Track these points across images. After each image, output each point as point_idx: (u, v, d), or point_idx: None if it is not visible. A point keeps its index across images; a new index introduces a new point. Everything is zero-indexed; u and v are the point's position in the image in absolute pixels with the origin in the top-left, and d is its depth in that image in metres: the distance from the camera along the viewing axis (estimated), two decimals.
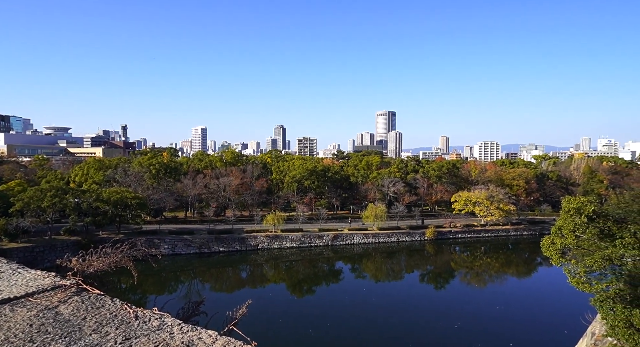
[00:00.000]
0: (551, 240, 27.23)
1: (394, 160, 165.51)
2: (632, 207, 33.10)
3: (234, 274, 75.89)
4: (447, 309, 56.16)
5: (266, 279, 72.03)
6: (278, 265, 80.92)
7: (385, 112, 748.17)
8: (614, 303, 23.86)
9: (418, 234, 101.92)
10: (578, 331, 41.98)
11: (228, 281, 71.74)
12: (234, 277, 74.07)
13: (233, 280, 72.09)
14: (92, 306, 4.49)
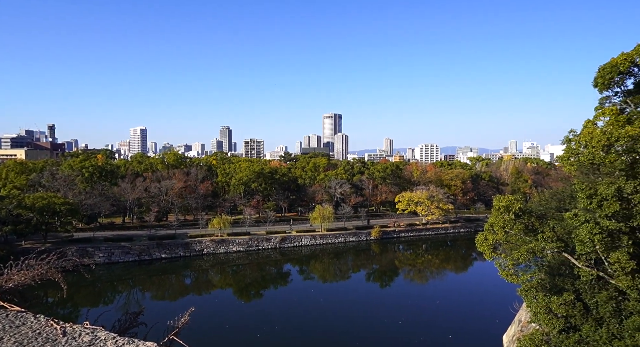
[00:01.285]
0: (484, 236, 29.29)
1: (340, 162, 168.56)
2: (551, 204, 36.78)
3: (177, 281, 72.66)
4: (392, 306, 58.22)
5: (212, 284, 69.83)
6: (225, 270, 78.83)
7: (332, 115, 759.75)
8: (536, 292, 26.29)
9: (364, 234, 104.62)
10: (507, 319, 45.62)
11: (171, 288, 68.52)
12: (177, 284, 70.91)
13: (176, 287, 68.99)
14: (10, 325, 4.08)
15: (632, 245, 21.96)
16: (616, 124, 25.78)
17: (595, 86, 27.31)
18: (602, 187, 22.50)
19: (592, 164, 28.05)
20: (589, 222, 22.39)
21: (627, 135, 23.66)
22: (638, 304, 22.29)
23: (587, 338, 23.45)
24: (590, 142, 25.72)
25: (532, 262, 32.09)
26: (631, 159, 26.23)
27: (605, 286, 24.18)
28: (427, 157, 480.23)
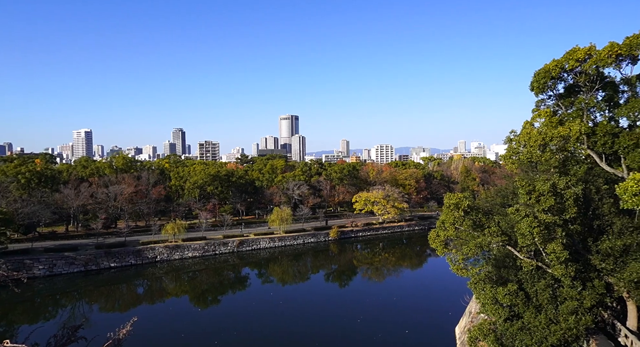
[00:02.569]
0: (436, 233, 30.49)
1: (298, 164, 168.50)
2: (496, 201, 39.04)
3: (128, 291, 68.98)
4: (351, 304, 59.06)
5: (167, 293, 67.05)
6: (180, 277, 76.00)
7: (289, 116, 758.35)
8: (484, 284, 27.79)
9: (323, 235, 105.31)
10: (459, 311, 47.88)
11: (122, 299, 64.94)
12: (128, 294, 67.31)
13: (127, 298, 65.48)
14: None
15: (565, 236, 23.85)
16: (550, 125, 27.97)
17: (532, 90, 29.45)
18: (539, 184, 24.24)
19: (530, 162, 30.24)
20: (529, 217, 23.99)
21: (559, 135, 25.74)
22: (571, 290, 24.27)
23: (529, 324, 25.16)
24: (528, 141, 27.72)
25: (480, 256, 33.96)
26: (563, 157, 28.58)
27: (543, 275, 26.07)
28: (383, 158, 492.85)
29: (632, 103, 25.76)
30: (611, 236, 24.39)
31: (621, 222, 24.65)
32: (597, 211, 26.20)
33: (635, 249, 23.63)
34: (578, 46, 25.87)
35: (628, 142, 25.53)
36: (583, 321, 23.82)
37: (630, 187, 19.41)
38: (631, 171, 25.03)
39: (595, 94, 28.14)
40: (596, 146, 27.62)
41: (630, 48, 23.73)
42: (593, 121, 29.13)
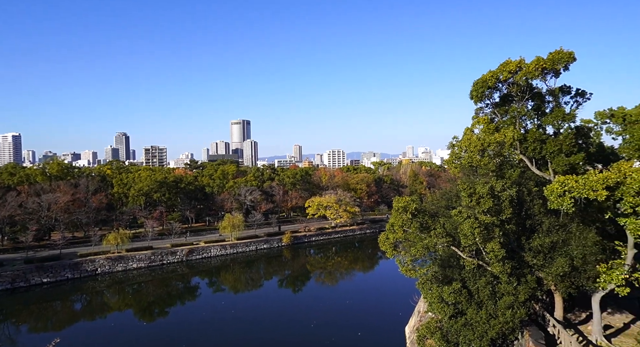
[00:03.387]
0: (386, 236, 31.34)
1: (250, 169, 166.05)
2: (441, 203, 40.99)
3: (64, 308, 63.61)
4: (305, 309, 58.94)
5: (108, 307, 62.74)
6: (123, 289, 71.50)
7: (240, 121, 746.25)
8: (431, 284, 28.98)
9: (276, 241, 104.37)
10: (409, 311, 49.49)
11: (55, 317, 59.74)
12: (63, 311, 62.04)
13: (62, 315, 60.33)
14: None
15: (502, 235, 25.58)
16: (488, 132, 29.94)
17: (471, 98, 31.40)
18: (479, 187, 25.82)
19: (471, 166, 32.10)
20: (470, 218, 25.43)
21: (496, 141, 27.63)
22: (507, 286, 26.02)
23: (471, 320, 26.58)
24: (469, 147, 29.44)
25: (428, 257, 35.28)
26: (499, 161, 30.69)
27: (484, 273, 27.72)
28: (335, 163, 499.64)
29: (556, 112, 28.33)
30: (541, 234, 26.52)
31: (549, 221, 26.90)
32: (529, 211, 28.38)
33: (560, 245, 25.87)
34: (510, 59, 28.04)
35: (553, 148, 27.99)
36: (518, 314, 25.60)
37: (556, 189, 21.24)
38: (556, 174, 27.42)
39: (526, 104, 30.59)
40: (527, 151, 29.97)
41: (554, 62, 26.14)
42: (524, 128, 31.58)
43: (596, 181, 20.32)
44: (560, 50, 26.16)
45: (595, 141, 30.85)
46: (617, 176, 20.40)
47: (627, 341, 25.52)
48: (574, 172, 26.52)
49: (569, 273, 24.90)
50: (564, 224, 26.92)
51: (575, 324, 28.79)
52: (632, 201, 19.86)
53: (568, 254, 25.07)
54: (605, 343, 24.94)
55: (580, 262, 24.71)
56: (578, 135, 29.54)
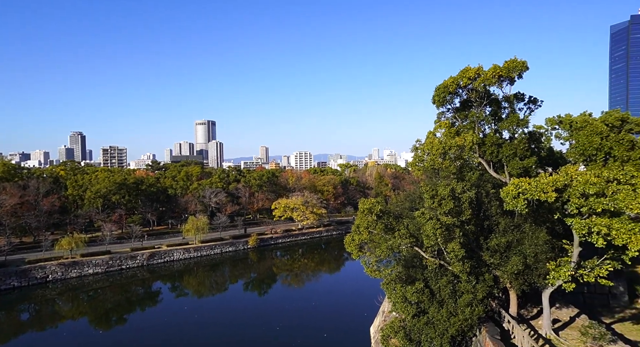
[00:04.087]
0: (351, 237, 31.70)
1: (215, 171, 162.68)
2: (405, 205, 41.98)
3: (8, 318, 59.15)
4: (271, 312, 58.38)
5: (60, 316, 59.24)
6: (77, 297, 67.78)
7: (205, 121, 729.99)
8: (395, 284, 29.57)
9: (241, 243, 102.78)
10: (374, 311, 50.22)
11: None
12: (8, 323, 57.62)
13: (6, 327, 56.10)
14: None
15: (462, 236, 26.57)
16: (449, 135, 31.05)
17: (434, 103, 32.45)
18: (440, 189, 26.69)
19: (433, 169, 33.13)
20: (432, 219, 26.22)
21: (456, 145, 28.69)
22: (467, 285, 27.04)
23: (433, 318, 27.40)
24: (431, 150, 30.39)
25: (392, 257, 36.02)
26: (460, 164, 31.88)
27: (445, 273, 28.64)
28: (302, 164, 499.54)
29: (511, 118, 29.85)
30: (497, 234, 27.79)
31: (505, 222, 28.24)
32: (487, 212, 29.65)
33: (515, 245, 27.22)
34: (469, 66, 29.27)
35: (509, 152, 29.46)
36: (476, 311, 26.66)
37: (511, 191, 22.35)
38: (512, 177, 28.87)
39: (484, 109, 32.01)
40: (485, 155, 31.35)
41: (509, 71, 27.57)
42: (483, 133, 33.01)
43: (546, 183, 21.57)
44: (515, 60, 27.61)
45: (546, 146, 32.77)
46: (565, 179, 21.76)
47: (573, 334, 27.22)
48: (527, 175, 28.03)
49: (522, 271, 26.23)
50: (518, 225, 28.34)
51: (528, 319, 30.35)
52: (578, 202, 21.25)
53: (522, 253, 26.42)
54: (553, 336, 26.47)
55: (533, 260, 26.11)
56: (531, 140, 31.26)
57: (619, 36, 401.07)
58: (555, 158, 35.47)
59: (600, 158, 28.70)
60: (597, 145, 28.09)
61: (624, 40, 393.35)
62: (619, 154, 28.20)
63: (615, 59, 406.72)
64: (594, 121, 29.41)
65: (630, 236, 20.07)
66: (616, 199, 20.34)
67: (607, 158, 28.92)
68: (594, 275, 23.47)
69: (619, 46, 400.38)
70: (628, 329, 30.78)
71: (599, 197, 20.86)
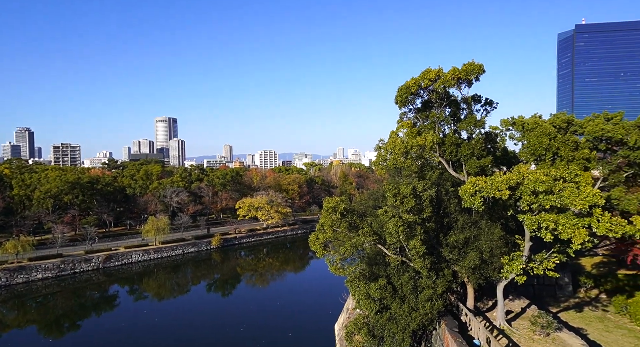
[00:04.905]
0: (316, 236, 31.77)
1: (177, 169, 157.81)
2: (369, 203, 42.64)
3: None
4: (235, 313, 57.47)
5: (4, 325, 55.24)
6: (24, 304, 63.50)
7: (166, 119, 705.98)
8: (359, 281, 29.99)
9: (204, 244, 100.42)
10: (338, 309, 50.73)
11: None
12: None
13: None
14: None
15: (423, 233, 27.36)
16: (411, 135, 31.84)
17: (396, 103, 33.15)
18: (403, 187, 27.32)
19: (396, 168, 33.88)
20: (395, 217, 26.80)
21: (418, 144, 29.50)
22: (427, 280, 27.93)
23: (395, 314, 28.07)
24: (394, 149, 31.04)
25: (356, 255, 36.54)
26: (421, 163, 32.82)
27: (407, 269, 29.42)
28: (267, 163, 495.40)
29: (469, 119, 31.09)
30: (456, 230, 28.87)
31: (463, 219, 29.39)
32: (446, 209, 30.73)
33: (472, 241, 28.40)
34: (430, 68, 30.17)
35: (467, 152, 30.66)
36: (436, 305, 27.60)
37: (468, 189, 23.29)
38: (469, 176, 30.08)
39: (444, 110, 33.10)
40: (445, 154, 32.45)
41: (467, 73, 28.69)
42: (443, 133, 34.13)
43: (501, 181, 22.66)
44: (472, 63, 28.77)
45: (501, 146, 34.39)
46: (517, 178, 22.96)
47: (524, 323, 28.86)
48: (484, 174, 29.31)
49: (479, 266, 27.43)
50: (475, 221, 29.59)
51: (484, 311, 31.80)
52: (529, 199, 22.50)
53: (478, 248, 27.62)
54: (506, 327, 27.91)
55: (488, 255, 27.37)
56: (487, 140, 32.68)
57: (565, 44, 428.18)
58: (509, 158, 37.30)
59: (548, 158, 30.51)
60: (546, 145, 29.84)
61: (569, 47, 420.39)
62: (565, 154, 30.11)
63: (562, 65, 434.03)
64: (543, 123, 31.20)
65: (574, 231, 21.50)
66: (562, 196, 21.72)
67: (555, 158, 30.80)
68: (542, 268, 24.93)
69: (565, 53, 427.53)
70: (572, 317, 33.06)
71: (548, 195, 22.18)
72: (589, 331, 29.91)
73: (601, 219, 21.68)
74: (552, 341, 25.68)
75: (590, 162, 30.50)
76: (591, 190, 21.54)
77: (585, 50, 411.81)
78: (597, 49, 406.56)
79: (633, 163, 32.36)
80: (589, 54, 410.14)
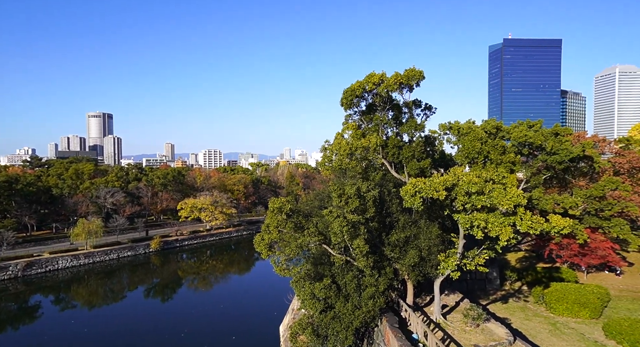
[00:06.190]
0: (261, 236, 31.42)
1: (112, 168, 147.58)
2: (315, 204, 42.97)
3: None
4: (175, 318, 54.94)
5: None
6: None
7: (100, 114, 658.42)
8: (304, 281, 30.11)
9: (142, 247, 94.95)
10: (283, 310, 50.54)
11: None
12: None
13: None
14: None
15: (367, 232, 28.15)
16: (356, 137, 32.64)
17: (342, 105, 33.81)
18: (347, 188, 27.89)
19: (341, 169, 34.53)
20: (340, 217, 27.27)
21: (362, 146, 30.30)
22: (370, 279, 28.77)
23: (339, 313, 28.56)
24: (339, 151, 31.60)
25: (302, 255, 36.67)
26: (365, 164, 33.75)
27: (351, 268, 30.07)
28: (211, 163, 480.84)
29: (410, 123, 32.57)
30: (397, 230, 30.06)
31: (404, 219, 30.68)
32: (388, 209, 31.88)
33: (412, 239, 29.75)
34: (374, 72, 31.14)
35: (408, 154, 32.08)
36: (378, 303, 28.52)
37: (409, 190, 24.35)
38: (410, 177, 31.46)
39: (387, 113, 34.35)
40: (388, 156, 33.68)
41: (409, 79, 30.04)
42: (386, 135, 35.38)
43: (438, 183, 23.98)
44: (414, 69, 30.16)
45: (439, 149, 36.40)
46: (453, 179, 24.44)
47: (457, 316, 30.83)
48: (423, 175, 30.84)
49: (418, 263, 28.79)
50: (415, 221, 31.02)
51: (422, 306, 33.46)
52: (463, 199, 24.05)
53: (418, 246, 28.99)
54: (442, 320, 29.60)
55: (427, 253, 28.83)
56: (426, 144, 34.45)
57: (495, 56, 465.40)
58: (446, 160, 39.62)
59: (480, 161, 32.88)
60: (478, 149, 32.11)
61: (498, 59, 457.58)
62: (494, 157, 32.64)
63: (492, 75, 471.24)
64: (476, 128, 33.55)
65: (501, 229, 23.34)
66: (492, 196, 23.49)
67: (486, 161, 33.26)
68: (474, 263, 26.77)
69: (495, 64, 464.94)
70: (499, 308, 35.90)
71: (479, 195, 23.86)
72: (512, 320, 32.66)
73: (524, 218, 23.75)
74: (481, 331, 27.66)
75: (515, 166, 33.31)
76: (516, 191, 23.53)
77: (511, 63, 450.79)
78: (522, 62, 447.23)
79: (550, 167, 35.89)
80: (515, 67, 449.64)
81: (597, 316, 32.98)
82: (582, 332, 30.23)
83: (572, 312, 33.34)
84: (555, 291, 35.15)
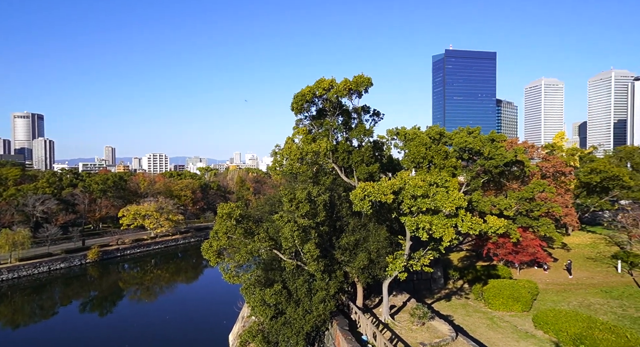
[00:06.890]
0: (209, 243, 30.42)
1: (42, 174, 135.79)
2: (265, 209, 42.43)
3: None
4: (116, 333, 51.38)
5: None
6: None
7: (28, 114, 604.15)
8: (254, 288, 29.57)
9: (78, 258, 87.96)
10: (233, 318, 49.20)
11: None
12: None
13: None
14: None
15: (318, 237, 28.29)
16: (306, 142, 32.76)
17: (292, 110, 33.82)
18: (298, 192, 27.87)
19: (292, 173, 34.44)
20: (290, 222, 27.17)
21: (312, 150, 30.47)
22: (321, 282, 28.90)
23: (290, 318, 28.34)
24: (289, 155, 31.52)
25: (252, 262, 36.01)
26: (316, 169, 33.97)
27: (302, 273, 30.00)
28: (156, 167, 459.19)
29: (359, 128, 33.35)
30: (347, 233, 30.52)
31: (354, 222, 31.23)
32: (338, 213, 32.29)
33: (362, 242, 30.35)
34: (324, 77, 31.54)
35: (357, 158, 32.78)
36: (329, 306, 28.70)
37: (358, 194, 24.85)
38: (360, 181, 32.13)
39: (337, 118, 34.89)
40: (338, 161, 34.17)
41: (357, 85, 30.78)
42: (336, 140, 35.89)
43: (386, 186, 24.71)
44: (362, 76, 30.96)
45: (387, 154, 37.60)
46: (400, 183, 25.31)
47: (404, 316, 31.89)
48: (372, 179, 31.64)
49: (367, 266, 29.39)
50: (364, 224, 31.68)
51: (371, 308, 34.18)
52: (409, 202, 24.97)
53: (367, 249, 29.61)
54: (390, 321, 30.43)
55: (376, 255, 29.53)
56: (375, 148, 35.43)
57: (438, 65, 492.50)
58: (394, 164, 41.01)
59: (425, 165, 34.40)
60: (423, 154, 33.59)
61: (441, 68, 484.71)
62: (437, 162, 34.32)
63: (436, 83, 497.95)
64: (421, 134, 35.10)
65: (444, 230, 24.53)
66: (435, 199, 24.63)
67: (430, 165, 34.87)
68: (420, 264, 27.84)
69: (438, 73, 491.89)
70: (442, 306, 37.66)
71: (424, 198, 24.92)
72: (455, 317, 34.40)
73: (465, 219, 25.15)
74: (426, 329, 28.80)
75: (457, 170, 35.25)
76: (457, 194, 24.87)
77: (453, 72, 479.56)
78: (462, 72, 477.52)
79: (487, 170, 38.42)
80: (456, 76, 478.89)
81: (528, 309, 35.71)
82: (515, 325, 32.56)
83: (507, 306, 35.81)
84: (492, 287, 37.57)
